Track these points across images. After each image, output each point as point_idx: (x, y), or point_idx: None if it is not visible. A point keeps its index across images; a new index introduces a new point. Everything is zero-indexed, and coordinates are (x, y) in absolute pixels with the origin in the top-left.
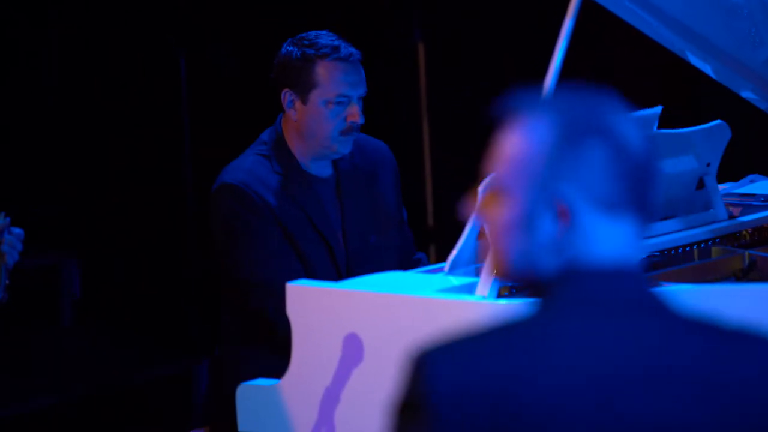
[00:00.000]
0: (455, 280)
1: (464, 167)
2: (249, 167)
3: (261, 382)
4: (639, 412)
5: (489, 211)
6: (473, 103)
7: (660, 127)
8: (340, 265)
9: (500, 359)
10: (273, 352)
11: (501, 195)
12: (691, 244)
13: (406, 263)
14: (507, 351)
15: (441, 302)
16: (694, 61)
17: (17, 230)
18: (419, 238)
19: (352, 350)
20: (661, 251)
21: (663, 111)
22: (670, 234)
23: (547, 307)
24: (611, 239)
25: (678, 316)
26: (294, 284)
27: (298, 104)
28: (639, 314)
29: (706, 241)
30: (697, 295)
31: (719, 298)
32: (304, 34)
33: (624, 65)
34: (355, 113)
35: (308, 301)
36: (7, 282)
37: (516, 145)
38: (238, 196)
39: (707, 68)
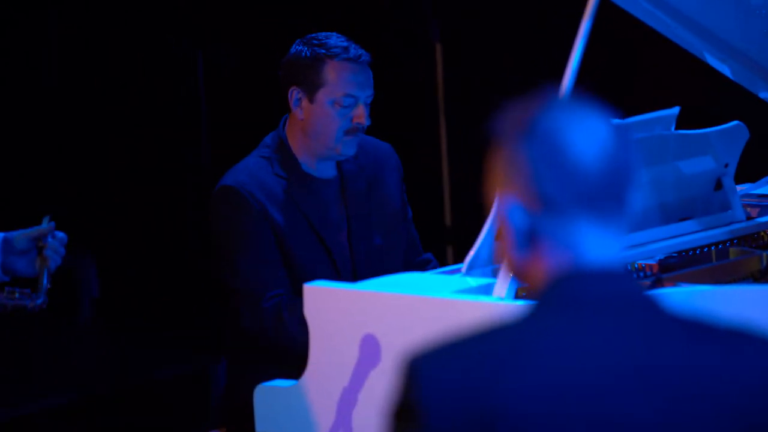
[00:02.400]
0: (472, 281)
1: (482, 168)
2: (249, 169)
3: (278, 383)
4: (628, 412)
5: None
6: (491, 103)
7: (678, 127)
8: (341, 268)
9: (489, 361)
10: (264, 358)
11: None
12: (708, 245)
13: (411, 264)
14: (496, 353)
15: (458, 303)
16: (712, 61)
17: (61, 234)
18: (437, 239)
19: (370, 351)
20: (679, 252)
21: (681, 112)
22: (688, 235)
23: (537, 309)
24: (591, 241)
25: (669, 315)
26: (311, 285)
27: (304, 102)
28: (627, 314)
29: (723, 242)
30: (715, 297)
31: (737, 299)
32: (314, 35)
33: (641, 66)
34: (361, 114)
35: (325, 302)
36: (49, 286)
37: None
38: (234, 198)
39: (725, 69)
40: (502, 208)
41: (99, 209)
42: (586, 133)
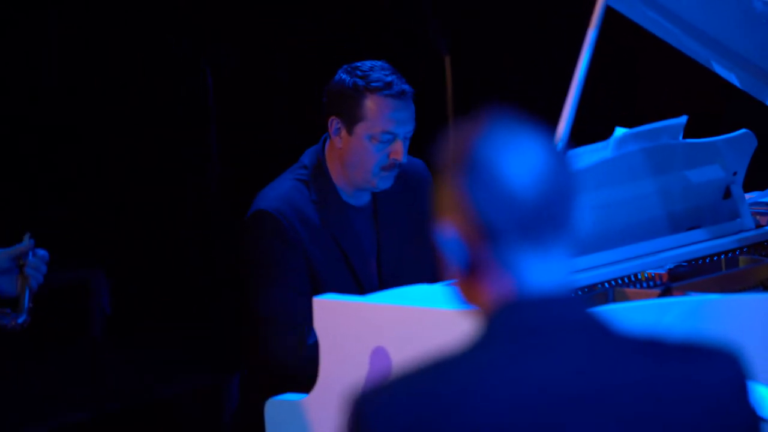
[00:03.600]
0: None
1: None
2: (286, 194)
3: (289, 396)
4: None
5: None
6: (500, 115)
7: (686, 136)
8: (368, 293)
9: (438, 395)
10: (281, 380)
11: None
12: (718, 254)
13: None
14: (446, 386)
15: (467, 314)
16: (719, 70)
17: (42, 252)
18: None
19: (380, 363)
20: (688, 261)
21: (689, 120)
22: (697, 244)
23: (483, 339)
24: (533, 267)
25: (618, 335)
26: (320, 298)
27: (343, 133)
28: (575, 338)
29: (733, 250)
30: (724, 306)
31: (747, 307)
32: (359, 63)
33: (649, 75)
34: (399, 151)
35: (335, 315)
36: (30, 305)
37: None
38: (270, 225)
39: (732, 77)
40: (444, 237)
41: (111, 226)
42: (523, 160)
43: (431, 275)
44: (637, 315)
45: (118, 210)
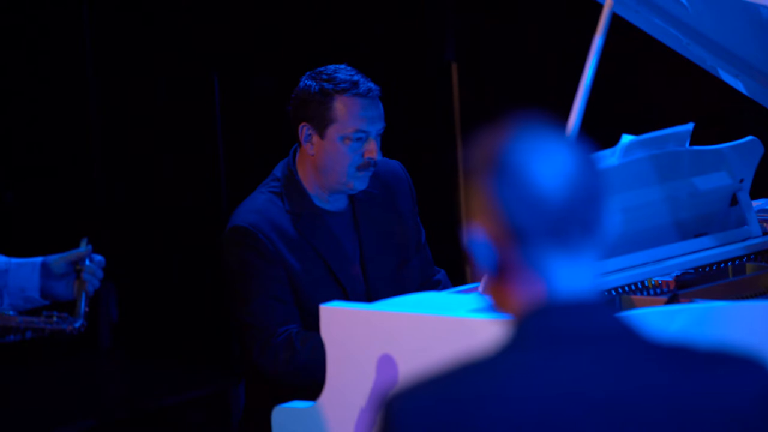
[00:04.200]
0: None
1: None
2: (260, 207)
3: (296, 404)
4: None
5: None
6: (508, 121)
7: (692, 143)
8: (353, 298)
9: (467, 399)
10: (276, 388)
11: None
12: (725, 261)
13: (427, 284)
14: (474, 390)
15: (474, 322)
16: (726, 77)
17: (98, 257)
18: (454, 259)
19: (387, 371)
20: (695, 268)
21: (695, 127)
22: (704, 251)
23: (513, 343)
24: (562, 272)
25: (647, 342)
26: (327, 306)
27: (315, 139)
28: (604, 345)
29: (740, 257)
30: (731, 313)
31: (754, 315)
32: (322, 68)
33: (655, 82)
34: (372, 149)
35: (342, 323)
36: (86, 310)
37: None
38: (246, 239)
39: (739, 84)
40: (473, 241)
41: (118, 234)
42: (553, 163)
43: (417, 276)
44: (644, 322)
45: (125, 218)
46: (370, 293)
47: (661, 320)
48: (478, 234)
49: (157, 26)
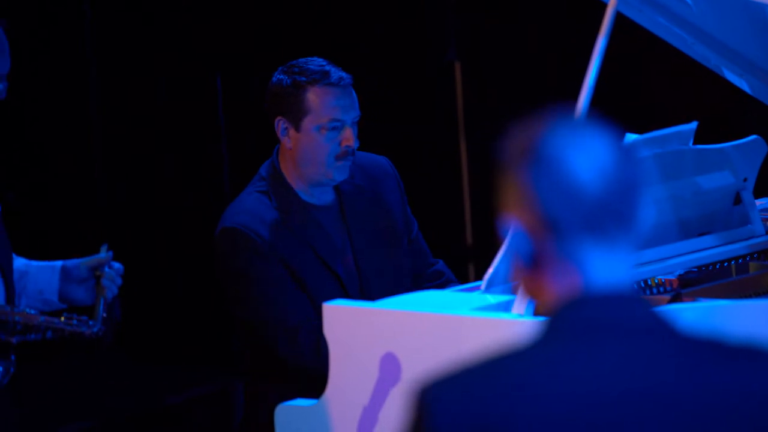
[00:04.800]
0: (492, 299)
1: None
2: (249, 207)
3: (299, 402)
4: None
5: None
6: (510, 121)
7: (696, 142)
8: (350, 290)
9: (501, 388)
10: (291, 385)
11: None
12: (728, 260)
13: (423, 276)
14: (508, 379)
15: (477, 320)
16: (730, 76)
17: (117, 265)
18: (458, 257)
19: (390, 369)
20: (699, 267)
21: (699, 126)
22: (708, 250)
23: (547, 334)
24: (598, 263)
25: (681, 336)
26: (330, 304)
27: (291, 132)
28: (639, 337)
29: (743, 256)
30: (735, 312)
31: (758, 314)
32: (294, 62)
33: (659, 81)
34: (349, 137)
35: (345, 321)
36: (104, 315)
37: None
38: (238, 240)
39: (743, 84)
40: (509, 232)
41: (122, 233)
42: (589, 155)
43: (410, 267)
44: None
45: (126, 218)
46: (362, 282)
47: None
48: (513, 225)
49: (159, 26)
